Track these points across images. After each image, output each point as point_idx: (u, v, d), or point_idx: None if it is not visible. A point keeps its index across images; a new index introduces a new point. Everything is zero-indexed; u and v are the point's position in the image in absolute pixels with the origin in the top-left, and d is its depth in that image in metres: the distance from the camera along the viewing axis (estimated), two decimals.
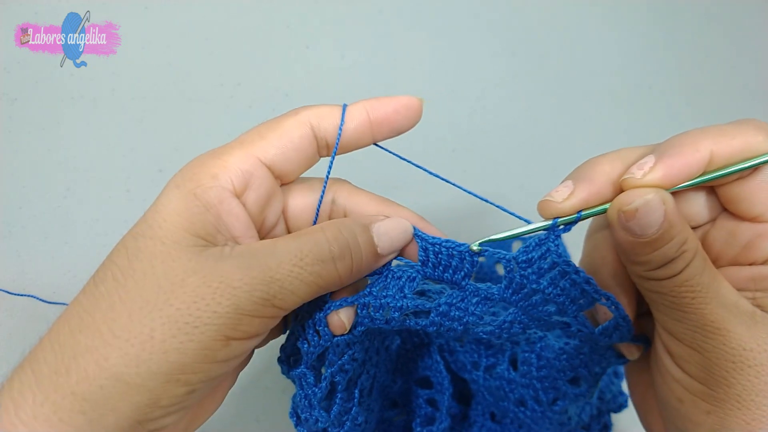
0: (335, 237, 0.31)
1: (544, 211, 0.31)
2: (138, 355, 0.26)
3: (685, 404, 0.30)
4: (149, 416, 0.27)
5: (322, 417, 0.36)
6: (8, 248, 0.55)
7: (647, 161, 0.28)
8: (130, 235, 0.29)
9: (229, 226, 0.30)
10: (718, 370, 0.28)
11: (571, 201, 0.30)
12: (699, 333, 0.29)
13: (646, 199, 0.27)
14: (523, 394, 0.42)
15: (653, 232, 0.27)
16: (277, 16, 0.66)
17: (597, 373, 0.38)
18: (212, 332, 0.27)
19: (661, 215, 0.27)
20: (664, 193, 0.28)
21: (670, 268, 0.28)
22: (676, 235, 0.27)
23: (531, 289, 0.32)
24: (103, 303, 0.27)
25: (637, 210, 0.27)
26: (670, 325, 0.30)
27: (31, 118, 0.59)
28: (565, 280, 0.31)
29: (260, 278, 0.28)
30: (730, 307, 0.28)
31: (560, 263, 0.31)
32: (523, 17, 0.72)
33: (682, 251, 0.28)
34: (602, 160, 0.31)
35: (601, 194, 0.30)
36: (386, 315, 0.33)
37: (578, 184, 0.30)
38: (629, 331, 0.33)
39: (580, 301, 0.32)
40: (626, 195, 0.28)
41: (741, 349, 0.28)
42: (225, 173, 0.30)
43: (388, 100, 0.33)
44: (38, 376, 0.26)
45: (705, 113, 0.72)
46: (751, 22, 0.77)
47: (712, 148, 0.28)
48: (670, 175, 0.28)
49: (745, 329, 0.28)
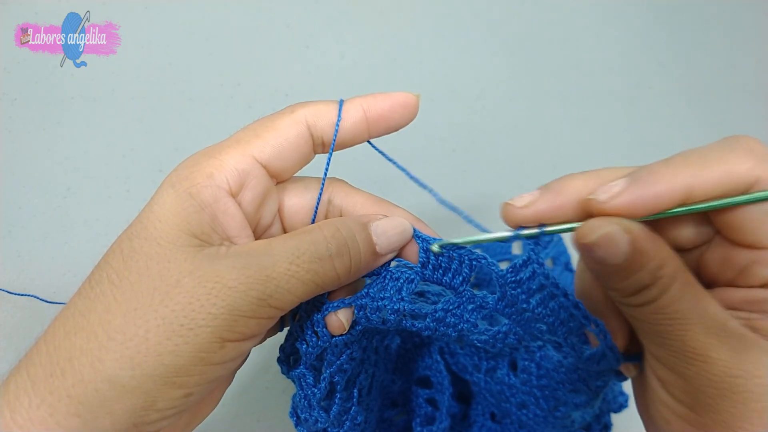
0: (333, 235, 0.30)
1: (504, 214, 0.30)
2: (132, 357, 0.26)
3: (672, 426, 0.29)
4: (145, 419, 0.26)
5: (322, 417, 0.36)
6: (8, 248, 0.55)
7: (616, 185, 0.26)
8: (125, 236, 0.29)
9: (225, 225, 0.29)
10: (703, 397, 0.27)
11: (530, 209, 0.28)
12: (680, 359, 0.27)
13: (605, 232, 0.25)
14: (525, 399, 0.42)
15: (619, 262, 0.26)
16: (277, 16, 0.66)
17: (598, 386, 0.37)
18: (207, 334, 0.26)
19: (625, 245, 0.25)
20: (629, 223, 0.26)
21: (645, 296, 0.27)
22: (647, 263, 0.26)
23: (521, 308, 0.31)
24: (98, 305, 0.27)
25: (595, 243, 0.26)
26: (653, 350, 0.29)
27: (31, 118, 0.59)
28: (554, 302, 0.30)
29: (256, 277, 0.27)
30: (716, 331, 0.26)
31: (548, 285, 0.30)
32: (523, 17, 0.72)
33: (657, 278, 0.26)
34: (577, 176, 0.29)
35: (563, 209, 0.28)
36: (383, 316, 0.33)
37: (543, 194, 0.29)
38: (616, 360, 0.32)
39: (569, 323, 0.31)
40: (585, 226, 0.26)
41: (726, 376, 0.26)
42: (220, 172, 0.29)
43: (385, 96, 0.33)
44: (33, 379, 0.26)
45: (705, 113, 0.72)
46: (751, 22, 0.77)
47: (690, 182, 0.26)
48: (635, 205, 0.26)
49: (732, 354, 0.26)
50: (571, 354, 0.33)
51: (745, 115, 0.73)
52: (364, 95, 0.33)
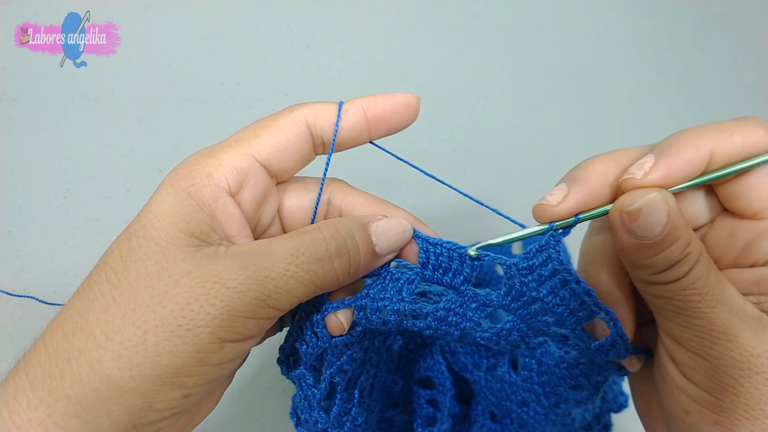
0: (332, 235, 0.30)
1: (540, 215, 0.30)
2: (131, 357, 0.26)
3: (691, 415, 0.29)
4: (144, 420, 0.26)
5: (322, 418, 0.36)
6: (8, 248, 0.55)
7: (647, 161, 0.27)
8: (124, 236, 0.29)
9: (224, 225, 0.29)
10: (726, 378, 0.27)
11: (567, 204, 0.29)
12: (706, 339, 0.28)
13: (649, 199, 0.26)
14: (525, 396, 0.42)
15: (657, 234, 0.26)
16: (277, 16, 0.66)
17: (599, 381, 0.38)
18: (206, 335, 0.26)
19: (664, 216, 0.26)
20: (667, 194, 0.27)
21: (675, 271, 0.27)
22: (679, 237, 0.27)
23: (530, 297, 0.31)
24: (96, 305, 0.27)
25: (641, 210, 0.26)
26: (676, 332, 0.29)
27: (31, 118, 0.59)
28: (565, 290, 0.30)
29: (255, 278, 0.27)
30: (737, 311, 0.27)
31: (561, 271, 0.30)
32: (523, 17, 0.72)
33: (687, 253, 0.27)
34: (596, 160, 0.30)
35: (596, 196, 0.29)
36: (383, 317, 0.33)
37: (573, 187, 0.29)
38: (626, 349, 0.32)
39: (579, 313, 0.31)
40: (628, 196, 0.27)
41: (749, 355, 0.27)
42: (220, 172, 0.29)
43: (385, 97, 0.33)
44: (32, 380, 0.26)
45: (705, 113, 0.72)
46: (751, 22, 0.77)
47: (712, 146, 0.27)
48: (671, 174, 0.27)
49: (753, 334, 0.27)
50: (578, 346, 0.33)
51: (745, 115, 0.73)
52: (364, 96, 0.33)
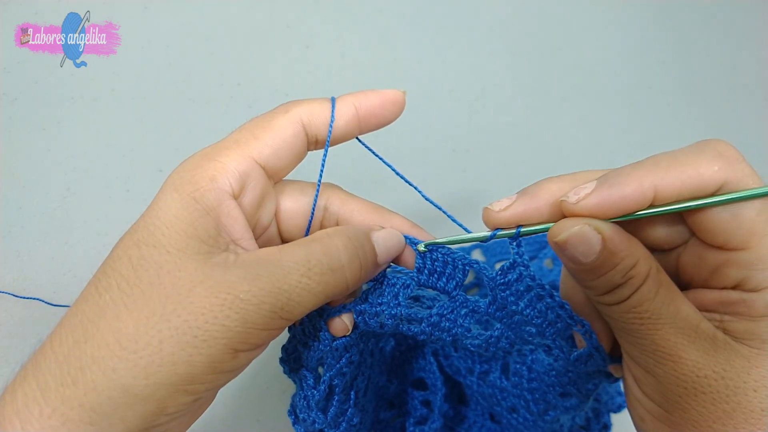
0: (345, 245, 0.30)
1: (485, 218, 0.31)
2: (146, 367, 0.26)
3: (646, 423, 0.30)
4: (155, 423, 0.27)
5: (319, 418, 0.36)
6: (8, 248, 0.55)
7: (586, 187, 0.27)
8: (132, 242, 0.28)
9: (229, 228, 0.30)
10: (673, 396, 0.28)
11: (508, 212, 0.29)
12: (651, 358, 0.28)
13: (573, 232, 0.27)
14: (515, 403, 0.42)
15: (591, 261, 0.27)
16: (277, 16, 0.66)
17: (589, 389, 0.38)
18: (221, 345, 0.27)
19: (596, 244, 0.26)
20: (600, 223, 0.27)
21: (617, 294, 0.28)
22: (619, 262, 0.27)
23: (511, 310, 0.32)
24: (108, 312, 0.27)
25: (567, 241, 0.27)
26: (627, 348, 0.30)
27: (31, 118, 0.59)
28: (541, 303, 0.31)
29: (268, 290, 0.28)
30: (687, 332, 0.27)
31: (534, 286, 0.31)
32: (524, 17, 0.72)
33: (629, 277, 0.27)
34: (553, 179, 0.30)
35: (539, 211, 0.29)
36: (381, 321, 0.34)
37: (520, 198, 0.30)
38: (603, 359, 0.32)
39: (557, 324, 0.32)
40: (558, 225, 0.28)
41: (694, 375, 0.27)
42: (223, 175, 0.30)
43: (375, 94, 0.33)
44: (44, 389, 0.26)
45: (705, 113, 0.72)
46: (751, 22, 0.77)
47: (657, 184, 0.26)
48: (604, 206, 0.27)
49: (702, 355, 0.27)
50: (561, 357, 0.34)
51: (745, 115, 0.73)
52: (354, 93, 0.34)
